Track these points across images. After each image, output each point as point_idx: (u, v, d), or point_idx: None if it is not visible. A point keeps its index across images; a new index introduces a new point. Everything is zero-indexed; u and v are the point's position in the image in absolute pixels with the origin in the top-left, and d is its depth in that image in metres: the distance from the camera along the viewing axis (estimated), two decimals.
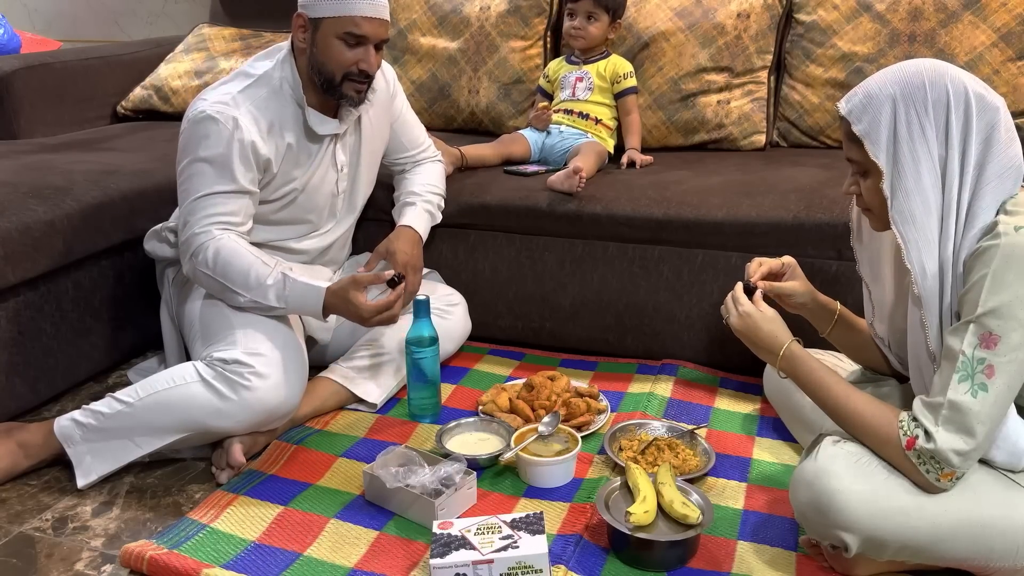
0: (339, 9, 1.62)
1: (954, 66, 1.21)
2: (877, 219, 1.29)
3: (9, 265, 1.68)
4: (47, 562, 1.39)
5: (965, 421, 1.14)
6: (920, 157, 1.19)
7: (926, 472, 1.17)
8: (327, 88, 1.69)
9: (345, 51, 1.65)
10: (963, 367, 1.14)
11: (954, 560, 1.21)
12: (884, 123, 1.20)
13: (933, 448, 1.15)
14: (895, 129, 1.20)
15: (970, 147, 1.18)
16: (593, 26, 2.24)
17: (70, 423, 1.58)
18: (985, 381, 1.13)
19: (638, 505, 1.35)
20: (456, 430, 1.70)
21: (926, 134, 1.19)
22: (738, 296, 1.42)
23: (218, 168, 1.63)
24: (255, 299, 1.63)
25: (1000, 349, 1.13)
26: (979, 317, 1.13)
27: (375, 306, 1.63)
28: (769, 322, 1.37)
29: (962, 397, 1.14)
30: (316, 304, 1.64)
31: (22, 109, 2.52)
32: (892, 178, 1.20)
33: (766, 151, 2.34)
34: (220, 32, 2.90)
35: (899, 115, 1.20)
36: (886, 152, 1.21)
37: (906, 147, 1.19)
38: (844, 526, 1.20)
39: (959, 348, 1.15)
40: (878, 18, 2.25)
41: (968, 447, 1.14)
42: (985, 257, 1.14)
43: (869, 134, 1.21)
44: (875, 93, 1.21)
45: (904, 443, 1.18)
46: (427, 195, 1.98)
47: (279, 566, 1.35)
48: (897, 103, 1.20)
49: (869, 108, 1.21)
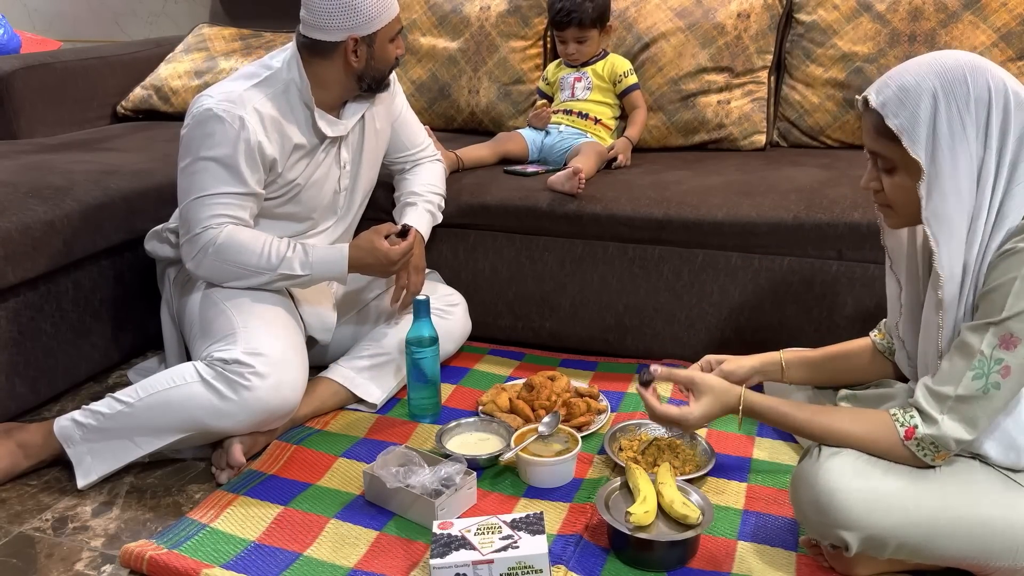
0: (387, 16, 1.70)
1: (992, 63, 1.17)
2: (898, 216, 1.25)
3: (9, 265, 1.68)
4: (47, 562, 1.39)
5: (973, 414, 1.16)
6: (959, 156, 1.14)
7: (923, 456, 1.19)
8: (376, 86, 1.78)
9: (393, 47, 1.75)
10: (979, 365, 1.15)
11: (953, 559, 1.21)
12: (923, 118, 1.14)
13: (936, 434, 1.17)
14: (935, 126, 1.14)
15: (1007, 146, 1.14)
16: (586, 46, 2.24)
17: (70, 423, 1.58)
18: (1000, 380, 1.14)
19: (638, 505, 1.35)
20: (456, 430, 1.70)
21: (967, 132, 1.13)
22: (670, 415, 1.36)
23: (224, 168, 1.63)
24: (281, 272, 1.67)
25: (1019, 351, 1.13)
26: (1004, 320, 1.13)
27: (400, 249, 1.73)
28: (705, 410, 1.34)
29: (974, 392, 1.15)
30: (341, 263, 1.71)
31: (22, 109, 2.52)
32: (930, 178, 1.15)
33: (766, 151, 2.33)
34: (220, 32, 2.90)
35: (939, 110, 1.13)
36: (925, 150, 1.14)
37: (946, 145, 1.13)
38: (844, 525, 1.20)
39: (978, 347, 1.15)
40: (878, 18, 2.25)
41: (970, 436, 1.17)
42: (1015, 260, 1.12)
43: (908, 130, 1.14)
44: (912, 86, 1.14)
45: (903, 434, 1.19)
46: (428, 195, 1.98)
47: (279, 566, 1.35)
48: (938, 97, 1.13)
49: (907, 102, 1.14)
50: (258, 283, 1.69)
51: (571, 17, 2.19)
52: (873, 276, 1.78)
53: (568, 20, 2.20)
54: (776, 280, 1.87)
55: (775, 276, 1.87)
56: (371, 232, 1.74)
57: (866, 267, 1.79)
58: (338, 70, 1.71)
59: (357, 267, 1.73)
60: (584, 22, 2.20)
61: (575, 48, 2.25)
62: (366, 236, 1.74)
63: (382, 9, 1.67)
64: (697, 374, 1.37)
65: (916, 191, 1.17)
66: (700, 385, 1.35)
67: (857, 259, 1.79)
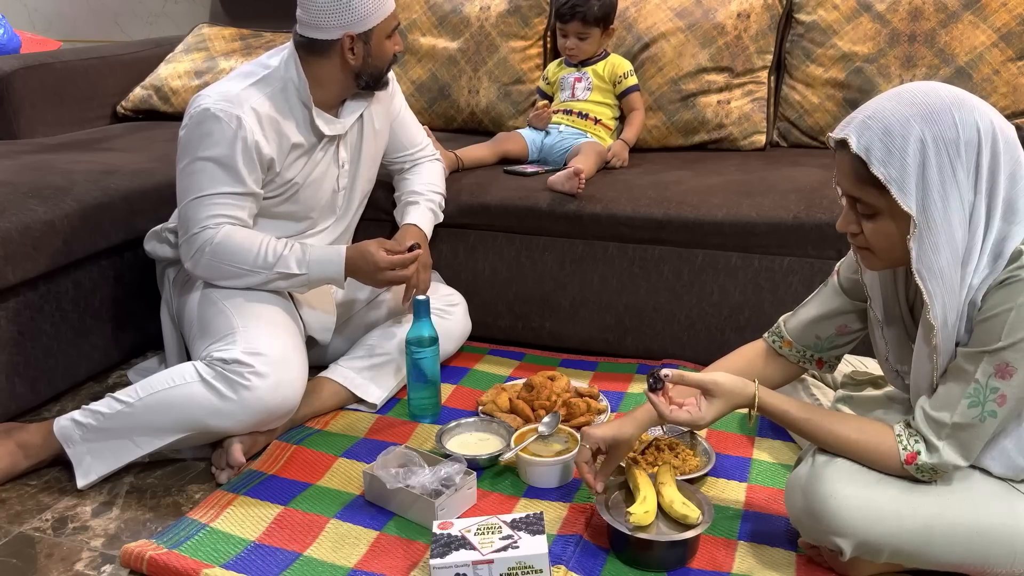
0: (383, 13, 1.69)
1: (972, 95, 1.11)
2: (879, 261, 1.19)
3: (9, 265, 1.68)
4: (47, 562, 1.39)
5: (969, 442, 1.16)
6: (951, 205, 1.08)
7: (920, 477, 1.19)
8: (374, 84, 1.77)
9: (391, 44, 1.75)
10: (975, 393, 1.13)
11: (950, 564, 1.21)
12: (912, 167, 1.07)
13: (936, 463, 1.17)
14: (924, 174, 1.07)
15: (998, 187, 1.09)
16: (586, 43, 2.24)
17: (70, 423, 1.58)
18: (996, 408, 1.13)
19: (638, 505, 1.35)
20: (456, 430, 1.70)
21: (958, 178, 1.08)
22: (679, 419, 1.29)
23: (222, 168, 1.63)
24: (278, 271, 1.67)
25: (1015, 380, 1.12)
26: (999, 350, 1.11)
27: (391, 260, 1.70)
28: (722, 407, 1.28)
29: (971, 421, 1.14)
30: (338, 264, 1.70)
31: (22, 109, 2.52)
32: (921, 229, 1.09)
33: (766, 151, 2.33)
34: (220, 32, 2.90)
35: (929, 158, 1.07)
36: (916, 200, 1.08)
37: (937, 195, 1.07)
38: (837, 531, 1.20)
39: (973, 375, 1.13)
40: (878, 18, 2.25)
41: (965, 463, 1.17)
42: (1010, 290, 1.09)
43: (898, 180, 1.07)
44: (897, 131, 1.07)
45: (904, 458, 1.19)
46: (429, 195, 1.98)
47: (279, 566, 1.35)
48: (926, 143, 1.07)
49: (894, 149, 1.07)
50: (255, 283, 1.69)
51: (576, 11, 2.20)
52: None
53: (572, 14, 2.20)
54: (776, 280, 1.87)
55: (775, 276, 1.87)
56: (374, 240, 1.73)
57: None
58: (335, 68, 1.71)
59: (351, 270, 1.72)
60: (588, 18, 2.20)
61: (575, 44, 2.25)
62: (366, 242, 1.73)
63: (377, 6, 1.67)
64: (708, 377, 1.30)
65: (900, 238, 1.12)
66: (714, 389, 1.28)
67: None
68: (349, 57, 1.69)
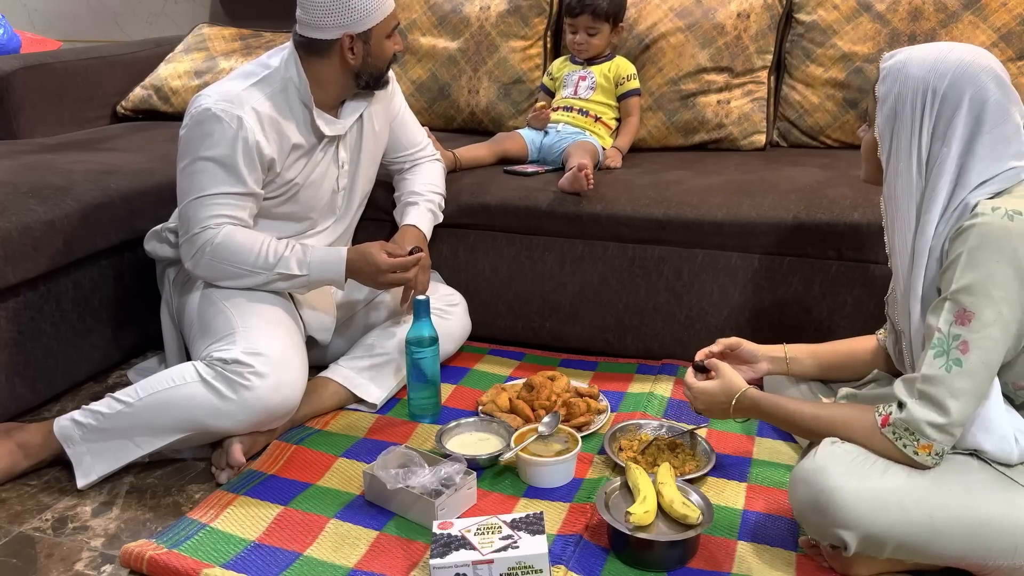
0: (382, 13, 1.70)
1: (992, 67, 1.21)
2: (864, 171, 1.39)
3: (9, 265, 1.68)
4: (47, 562, 1.39)
5: (938, 394, 1.17)
6: (912, 144, 1.24)
7: (903, 447, 1.19)
8: (374, 83, 1.77)
9: (390, 43, 1.75)
10: (939, 343, 1.17)
11: (952, 558, 1.21)
12: (892, 97, 1.25)
13: (906, 418, 1.18)
14: (897, 107, 1.24)
15: (974, 150, 1.21)
16: (595, 39, 2.24)
17: (70, 423, 1.58)
18: (960, 356, 1.16)
19: (638, 505, 1.35)
20: (456, 430, 1.70)
21: (923, 126, 1.23)
22: (687, 382, 1.51)
23: (222, 168, 1.63)
24: (278, 271, 1.67)
25: (974, 326, 1.15)
26: (954, 294, 1.17)
27: (392, 263, 1.71)
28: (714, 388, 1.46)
29: (936, 372, 1.17)
30: (339, 265, 1.70)
31: (22, 109, 2.52)
32: (889, 153, 1.27)
33: (766, 151, 2.33)
34: (220, 32, 2.90)
35: (908, 97, 1.23)
36: (888, 123, 1.26)
37: (904, 128, 1.24)
38: (842, 524, 1.20)
39: (936, 325, 1.18)
40: (878, 18, 2.25)
41: (942, 420, 1.17)
42: (963, 236, 1.17)
43: (880, 99, 1.26)
44: (902, 66, 1.25)
45: (879, 422, 1.21)
46: (429, 195, 1.98)
47: (279, 566, 1.35)
48: (918, 89, 1.23)
49: (892, 76, 1.25)
50: (256, 283, 1.69)
51: (586, 5, 2.20)
52: (873, 276, 1.78)
53: (582, 7, 2.20)
54: (776, 280, 1.87)
55: (775, 276, 1.87)
56: (376, 243, 1.74)
57: (866, 267, 1.79)
58: (335, 68, 1.71)
59: (352, 271, 1.72)
60: (598, 12, 2.20)
61: (584, 39, 2.25)
62: (368, 244, 1.73)
63: (377, 5, 1.67)
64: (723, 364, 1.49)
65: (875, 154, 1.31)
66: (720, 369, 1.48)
67: (857, 259, 1.79)
68: (349, 57, 1.69)
